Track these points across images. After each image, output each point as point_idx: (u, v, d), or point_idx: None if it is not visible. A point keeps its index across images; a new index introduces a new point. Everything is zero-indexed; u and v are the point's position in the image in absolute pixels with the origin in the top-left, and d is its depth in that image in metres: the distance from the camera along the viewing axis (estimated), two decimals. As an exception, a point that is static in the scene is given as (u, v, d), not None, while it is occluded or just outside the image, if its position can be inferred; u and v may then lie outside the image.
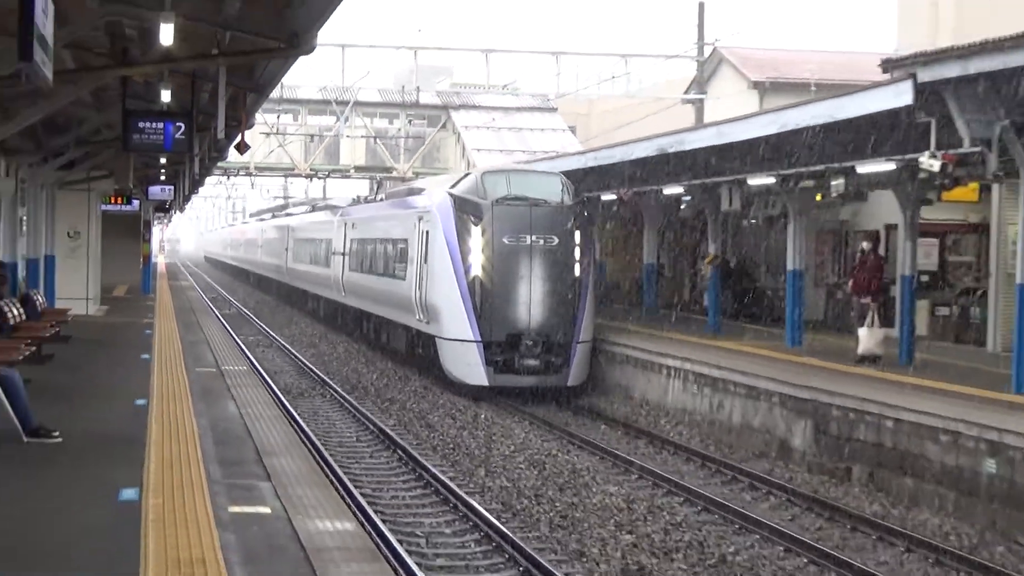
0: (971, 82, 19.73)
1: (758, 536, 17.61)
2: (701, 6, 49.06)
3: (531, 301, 28.26)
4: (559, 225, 28.86)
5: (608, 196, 38.53)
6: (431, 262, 31.07)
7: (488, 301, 28.36)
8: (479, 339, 28.05)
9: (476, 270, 28.74)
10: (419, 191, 38.48)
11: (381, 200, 47.20)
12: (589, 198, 37.17)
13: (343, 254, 46.71)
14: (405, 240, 34.81)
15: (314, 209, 61.77)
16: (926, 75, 20.19)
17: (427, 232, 31.74)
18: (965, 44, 20.06)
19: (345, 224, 47.50)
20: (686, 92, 49.99)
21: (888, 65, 21.78)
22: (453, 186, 31.88)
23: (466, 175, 33.29)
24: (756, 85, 45.69)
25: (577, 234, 29.32)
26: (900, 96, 20.80)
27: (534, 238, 28.32)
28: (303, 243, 59.12)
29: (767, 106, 38.91)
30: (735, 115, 33.74)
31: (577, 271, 29.34)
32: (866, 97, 22.41)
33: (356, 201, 53.15)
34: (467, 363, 28.61)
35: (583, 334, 29.07)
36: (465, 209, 29.35)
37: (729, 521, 18.46)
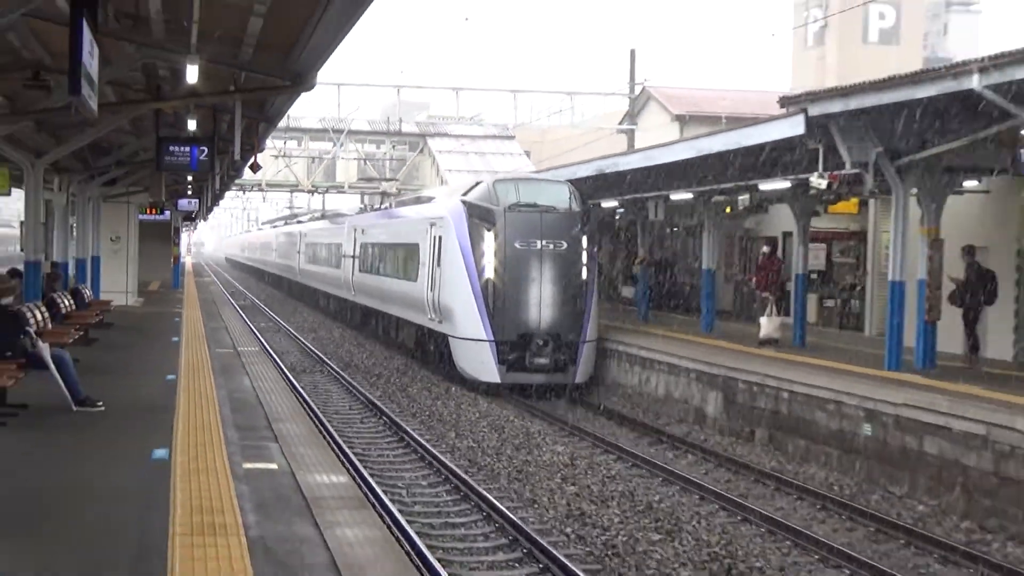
0: (851, 116, 19.82)
1: (678, 487, 17.69)
2: (632, 52, 49.13)
3: (541, 302, 25.41)
4: (567, 230, 26.07)
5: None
6: (444, 265, 27.82)
7: (500, 302, 25.47)
8: (492, 338, 25.23)
9: (489, 273, 25.77)
10: (428, 199, 35.96)
11: (388, 208, 44.11)
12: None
13: (353, 257, 43.09)
14: (416, 244, 31.21)
15: (323, 217, 58.68)
16: (815, 110, 20.28)
17: (440, 237, 28.47)
18: (846, 85, 20.18)
19: (355, 230, 43.61)
20: (620, 123, 50.03)
21: (785, 102, 21.88)
22: (465, 193, 28.71)
23: (477, 183, 29.90)
24: (678, 118, 45.79)
25: (584, 239, 26.55)
26: (794, 127, 20.90)
27: (544, 243, 25.58)
28: (314, 247, 55.65)
29: (686, 135, 38.99)
30: (660, 142, 33.97)
31: (584, 274, 26.48)
32: (767, 128, 22.51)
33: (364, 209, 51.16)
34: (480, 361, 25.75)
35: (589, 333, 26.26)
36: (478, 215, 26.45)
37: (655, 475, 18.53)
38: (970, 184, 22.29)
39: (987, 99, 16.62)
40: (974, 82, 16.44)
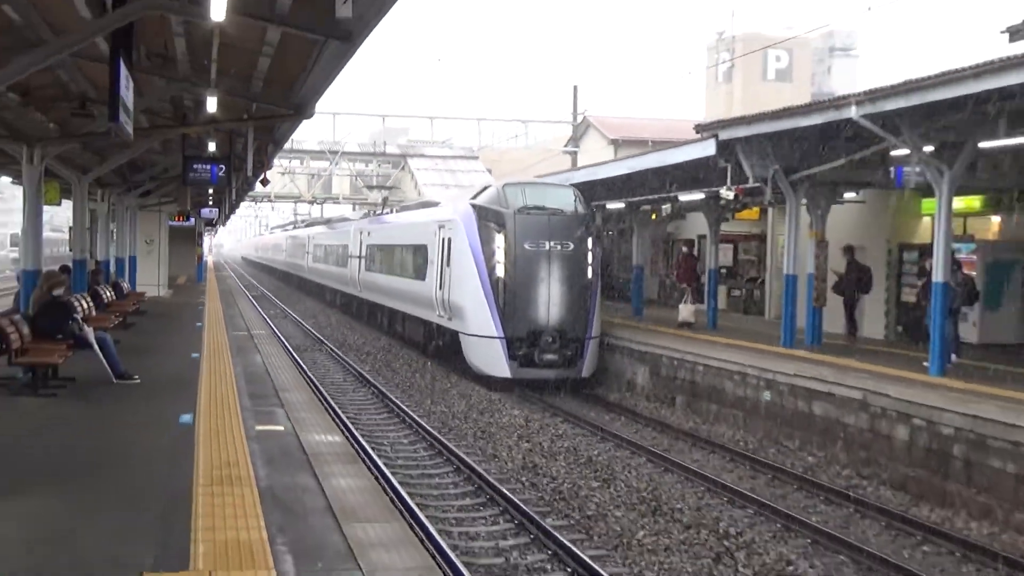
0: (753, 140, 19.91)
1: (612, 443, 17.73)
2: (575, 88, 49.43)
3: (550, 301, 22.47)
4: (573, 232, 23.08)
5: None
6: (455, 265, 24.54)
7: (511, 301, 22.53)
8: (503, 335, 22.35)
9: (499, 273, 22.73)
10: (434, 204, 32.20)
11: (391, 213, 40.57)
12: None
13: (359, 257, 39.36)
14: (424, 246, 27.89)
15: (328, 222, 56.22)
16: (724, 135, 20.38)
17: (449, 239, 25.24)
18: (749, 115, 20.26)
19: (361, 233, 39.85)
20: (565, 146, 50.03)
21: (699, 128, 21.93)
22: (474, 197, 25.52)
23: (486, 188, 26.87)
24: (613, 142, 45.71)
25: (589, 240, 23.55)
26: (707, 149, 21.02)
27: (552, 244, 22.62)
28: (321, 248, 52.06)
29: (620, 156, 38.96)
30: (599, 161, 34.07)
31: (589, 273, 23.38)
32: (685, 149, 22.62)
33: (368, 215, 46.76)
34: (491, 357, 22.73)
35: (594, 330, 23.31)
36: (488, 218, 23.35)
37: (593, 434, 18.56)
38: (849, 195, 22.45)
39: (862, 126, 16.75)
40: (852, 112, 16.56)
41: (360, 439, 16.58)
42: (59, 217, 62.96)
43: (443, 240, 25.53)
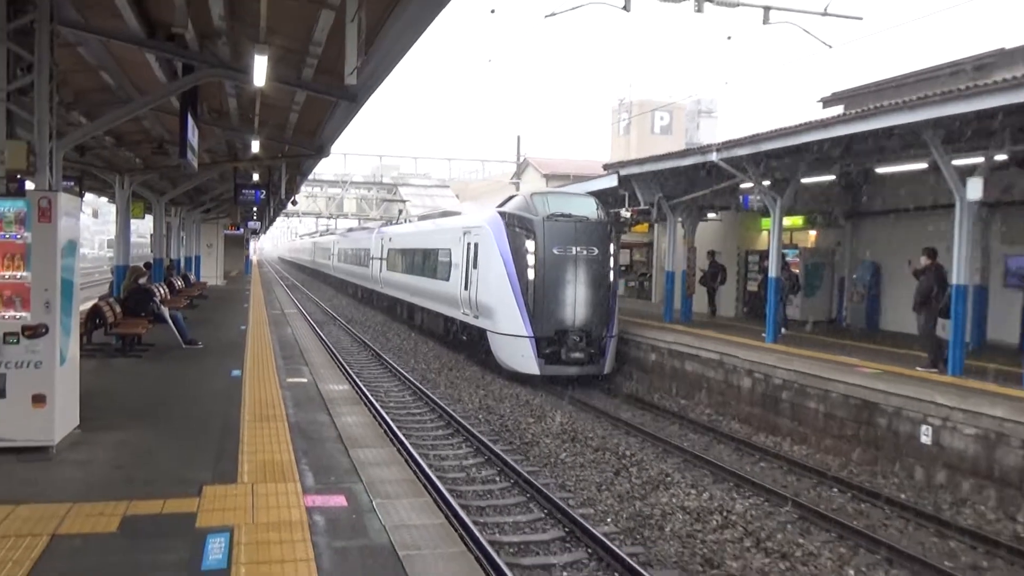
0: (644, 175, 20.07)
1: (543, 392, 17.71)
2: (519, 138, 49.75)
3: (576, 302, 18.55)
4: (597, 237, 19.11)
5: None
6: (483, 268, 20.03)
7: (540, 302, 18.59)
8: (532, 335, 18.49)
9: (530, 275, 18.74)
10: (455, 213, 28.22)
11: (407, 223, 35.88)
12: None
13: (380, 259, 33.93)
14: (448, 250, 22.99)
15: (351, 230, 50.71)
16: (624, 172, 20.53)
17: (476, 244, 20.66)
18: (641, 157, 20.46)
19: (382, 238, 34.18)
20: (511, 179, 49.97)
21: (606, 167, 22.07)
22: (501, 206, 21.34)
23: (511, 197, 22.52)
24: (545, 175, 45.66)
25: (611, 245, 19.48)
26: (612, 181, 21.14)
27: (578, 248, 18.80)
28: (345, 251, 46.92)
29: (550, 186, 38.98)
30: (537, 190, 34.04)
31: (611, 276, 19.20)
32: (597, 181, 22.71)
33: (386, 223, 41.20)
34: (520, 355, 18.75)
35: (614, 329, 19.21)
36: (517, 224, 19.20)
37: (530, 385, 18.59)
38: (711, 215, 22.65)
39: (721, 167, 16.94)
40: (713, 156, 16.77)
41: (363, 387, 16.50)
42: (143, 227, 62.01)
43: (469, 245, 21.09)
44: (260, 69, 9.05)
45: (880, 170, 16.91)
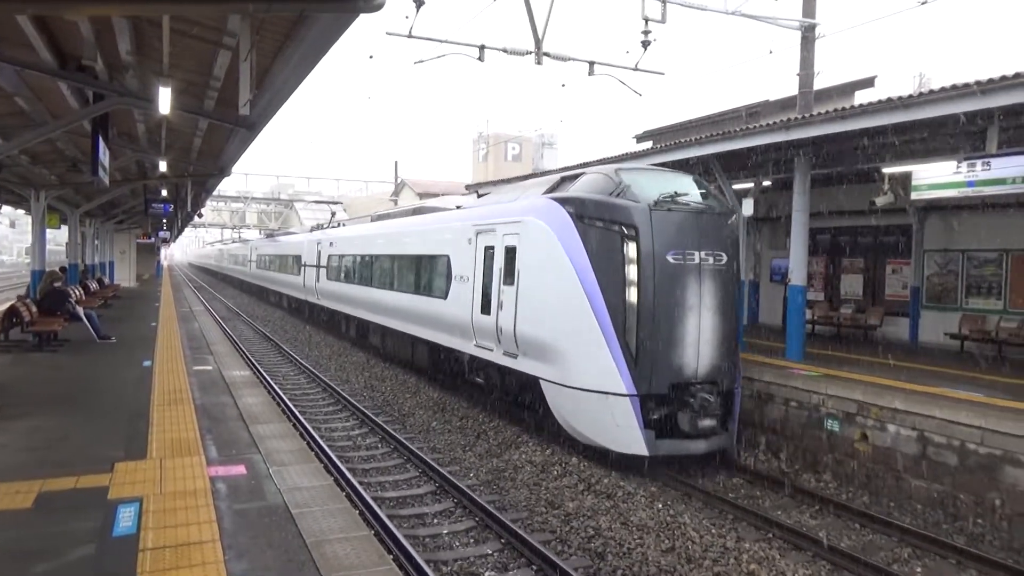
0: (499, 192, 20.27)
1: (415, 374, 17.57)
2: (396, 163, 48.95)
3: (700, 339, 9.29)
4: (724, 236, 9.68)
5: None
6: (530, 284, 10.33)
7: (648, 340, 9.07)
8: (635, 391, 8.98)
9: (629, 297, 9.14)
10: (446, 208, 16.00)
11: (350, 225, 23.37)
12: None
13: (317, 267, 23.49)
14: (445, 256, 13.29)
15: (271, 236, 39.50)
16: (480, 190, 20.60)
17: (512, 247, 10.83)
18: (497, 179, 20.58)
19: (319, 243, 23.66)
20: (391, 197, 49.44)
21: (468, 187, 22.16)
22: (552, 190, 11.04)
23: (576, 175, 10.98)
24: (419, 194, 45.47)
25: (739, 248, 10.21)
26: (472, 199, 21.21)
27: (703, 254, 9.40)
28: (266, 257, 35.70)
29: (398, 207, 38.78)
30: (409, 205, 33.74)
31: (736, 297, 9.85)
32: (436, 201, 22.73)
33: (319, 227, 28.38)
34: (615, 425, 9.11)
35: (740, 376, 10.13)
36: (600, 216, 9.43)
37: (407, 367, 18.35)
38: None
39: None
40: (556, 178, 17.08)
41: (263, 372, 15.85)
42: (60, 236, 57.28)
43: (492, 249, 11.59)
44: (165, 99, 8.52)
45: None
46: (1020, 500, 7.68)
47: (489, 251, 11.61)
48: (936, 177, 11.61)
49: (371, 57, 14.48)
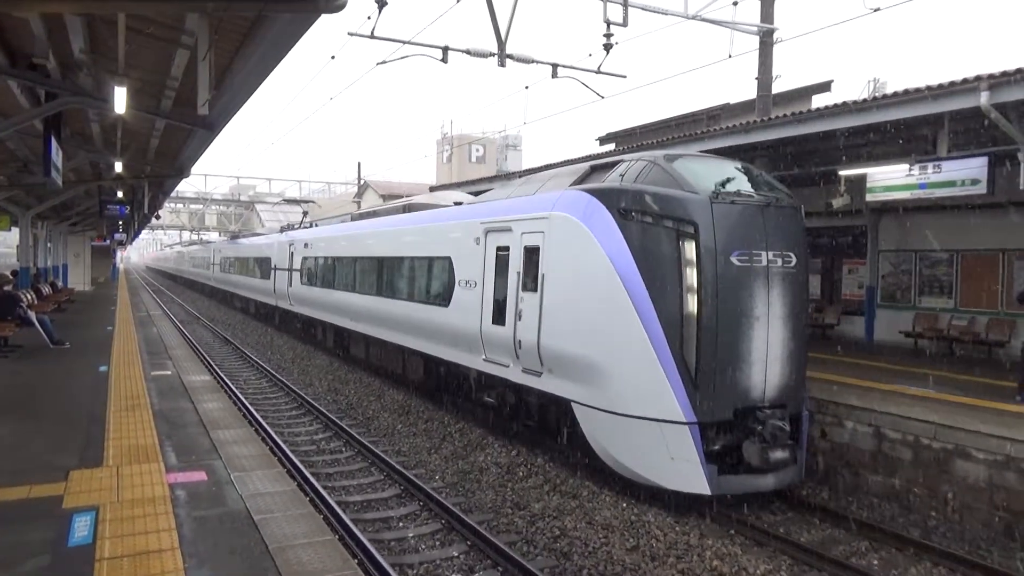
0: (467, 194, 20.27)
1: (379, 376, 17.45)
2: (359, 164, 48.58)
3: (768, 355, 7.48)
4: (793, 235, 7.83)
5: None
6: (557, 290, 8.42)
7: (709, 357, 7.28)
8: (694, 419, 7.18)
9: (687, 306, 7.34)
10: (442, 204, 14.30)
11: (328, 226, 20.81)
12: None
13: (289, 270, 21.61)
14: (445, 259, 11.37)
15: (235, 238, 36.29)
16: (466, 189, 20.61)
17: (532, 247, 8.96)
18: (460, 180, 20.55)
19: (292, 245, 21.70)
20: (355, 198, 49.06)
21: (431, 188, 22.07)
22: (581, 180, 9.17)
23: (613, 162, 9.04)
24: (382, 196, 45.20)
25: (807, 249, 8.11)
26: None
27: (772, 256, 7.56)
28: (228, 260, 33.50)
29: (387, 204, 38.61)
30: (373, 207, 33.53)
31: (805, 306, 8.06)
32: (426, 198, 22.63)
33: (290, 227, 25.30)
34: (668, 457, 7.31)
35: (807, 398, 8.52)
36: (649, 210, 7.53)
37: (369, 370, 18.21)
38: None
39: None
40: (517, 180, 17.10)
41: (223, 377, 15.60)
42: (10, 238, 55.64)
43: (502, 250, 9.90)
44: (120, 99, 8.34)
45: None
46: (970, 493, 7.92)
47: (503, 252, 9.84)
48: (890, 180, 11.92)
49: (333, 57, 14.35)
